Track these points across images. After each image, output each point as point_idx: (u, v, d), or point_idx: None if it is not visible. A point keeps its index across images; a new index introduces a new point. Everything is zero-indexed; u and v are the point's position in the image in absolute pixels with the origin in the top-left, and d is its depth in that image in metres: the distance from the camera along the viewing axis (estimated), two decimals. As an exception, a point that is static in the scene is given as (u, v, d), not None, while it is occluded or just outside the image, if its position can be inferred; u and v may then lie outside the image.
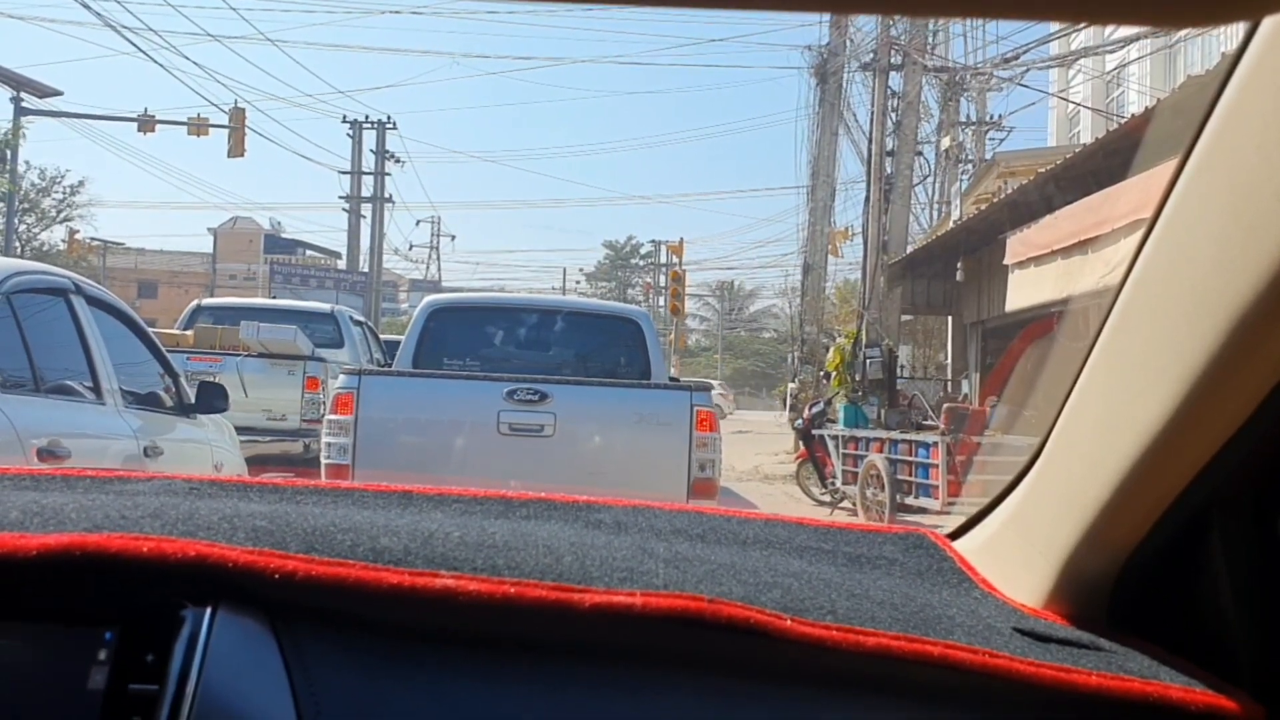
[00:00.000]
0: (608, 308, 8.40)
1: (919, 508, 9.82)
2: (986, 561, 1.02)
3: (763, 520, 1.10)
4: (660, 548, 0.91)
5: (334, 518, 0.85)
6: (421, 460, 5.69)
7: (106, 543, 0.75)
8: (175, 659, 0.73)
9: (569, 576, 0.80)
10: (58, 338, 4.07)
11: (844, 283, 32.72)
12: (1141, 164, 7.28)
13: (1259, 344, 0.68)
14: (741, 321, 70.43)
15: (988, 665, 0.78)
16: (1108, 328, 0.82)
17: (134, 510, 0.83)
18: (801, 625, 0.78)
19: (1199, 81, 8.98)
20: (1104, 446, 0.83)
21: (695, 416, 5.69)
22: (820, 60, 19.83)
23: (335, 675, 0.75)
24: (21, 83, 25.17)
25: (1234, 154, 0.67)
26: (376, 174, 35.76)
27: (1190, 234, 0.72)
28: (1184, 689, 0.78)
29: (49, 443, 3.59)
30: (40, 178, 37.62)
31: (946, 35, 20.92)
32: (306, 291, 34.85)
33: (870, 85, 18.60)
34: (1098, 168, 10.47)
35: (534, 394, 5.67)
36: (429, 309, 7.07)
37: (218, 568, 0.75)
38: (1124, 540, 0.86)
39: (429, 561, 0.79)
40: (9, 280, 3.75)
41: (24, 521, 0.80)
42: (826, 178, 20.34)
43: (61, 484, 1.00)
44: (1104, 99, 24.10)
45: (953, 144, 22.25)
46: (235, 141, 25.32)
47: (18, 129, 25.53)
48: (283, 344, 10.50)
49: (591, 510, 1.05)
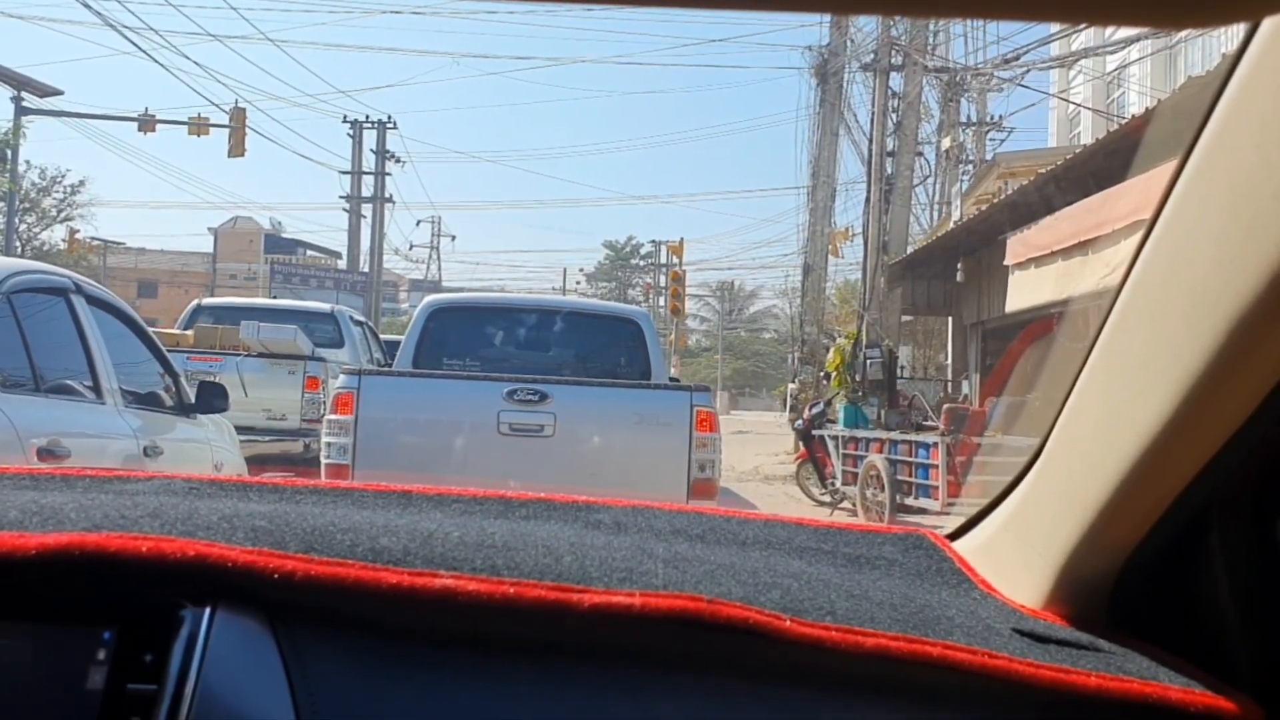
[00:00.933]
0: (608, 308, 8.40)
1: (919, 508, 9.83)
2: (986, 562, 1.02)
3: (762, 521, 1.10)
4: (659, 548, 0.91)
5: (333, 518, 0.85)
6: (421, 460, 5.69)
7: (105, 542, 0.75)
8: (174, 659, 0.73)
9: (568, 577, 0.79)
10: (58, 337, 4.07)
11: (844, 283, 32.68)
12: (1142, 165, 7.27)
13: (1259, 344, 0.68)
14: (742, 322, 70.36)
15: (987, 666, 0.78)
16: (1107, 327, 0.82)
17: (133, 510, 0.83)
18: (801, 626, 0.78)
19: (1199, 82, 8.97)
20: (1104, 447, 0.83)
21: (695, 417, 5.70)
22: (821, 61, 19.82)
23: (334, 675, 0.75)
24: (22, 82, 25.17)
25: (1233, 154, 0.67)
26: (377, 174, 35.77)
27: (1190, 234, 0.72)
28: (1183, 690, 0.78)
29: (49, 442, 3.59)
30: (41, 177, 37.58)
31: (947, 36, 20.92)
32: (307, 291, 34.91)
33: (871, 86, 18.62)
34: (1098, 169, 10.47)
35: (534, 394, 5.67)
36: (429, 309, 7.07)
37: (217, 567, 0.75)
38: (1123, 541, 0.86)
39: (428, 561, 0.79)
40: (9, 280, 3.75)
41: (23, 521, 0.80)
42: (827, 178, 20.33)
43: (61, 483, 1.00)
44: (1104, 100, 24.09)
45: (953, 144, 22.24)
46: (236, 141, 25.35)
47: (18, 128, 25.53)
48: (283, 344, 10.51)
49: (591, 510, 1.05)
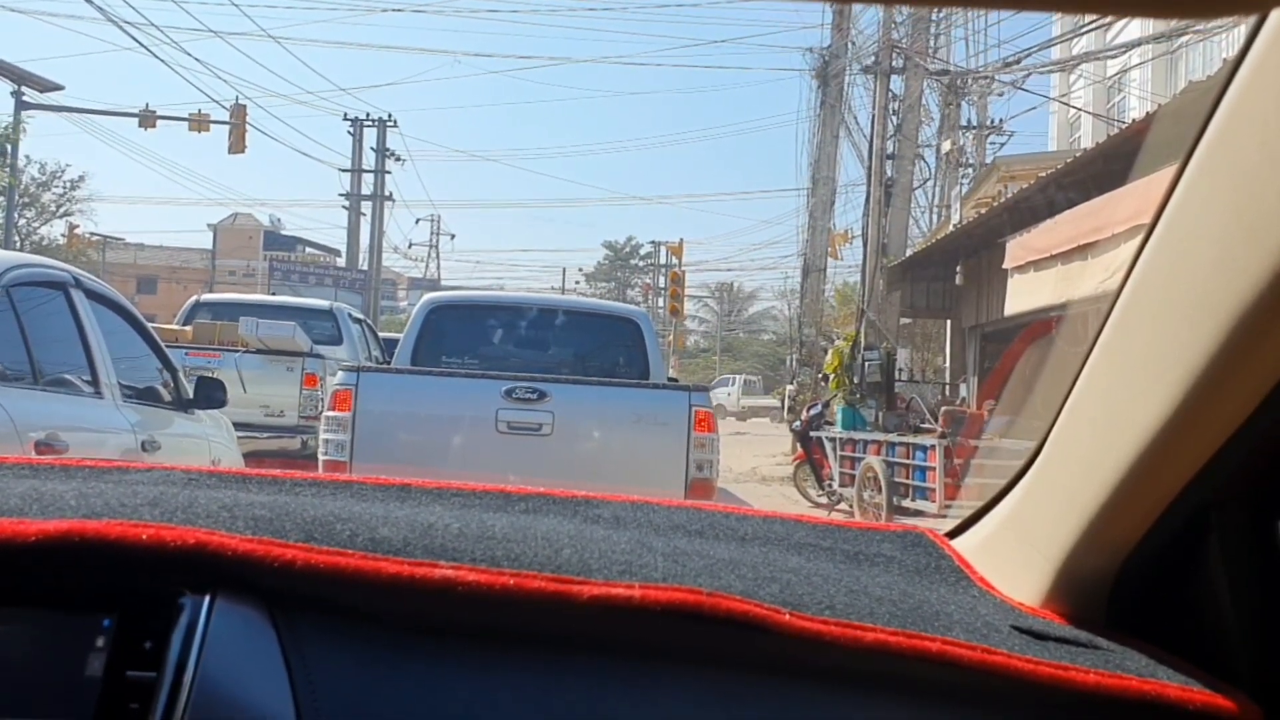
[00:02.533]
0: (607, 307, 8.40)
1: (916, 510, 9.81)
2: (985, 560, 1.02)
3: (761, 517, 1.10)
4: (659, 542, 0.91)
5: (333, 508, 0.85)
6: (419, 457, 5.69)
7: (105, 529, 0.75)
8: (173, 646, 0.73)
9: (568, 569, 0.80)
10: (57, 331, 4.07)
11: (843, 285, 32.71)
12: (1142, 169, 7.27)
13: (1259, 344, 0.68)
14: (740, 323, 70.29)
15: (985, 662, 0.78)
16: (1109, 326, 0.82)
17: (133, 498, 0.83)
18: (800, 620, 0.78)
19: (1200, 87, 8.98)
20: (1103, 446, 0.83)
21: (694, 417, 5.70)
22: (821, 63, 19.82)
23: (333, 664, 0.75)
24: (22, 77, 25.13)
25: (1237, 153, 0.67)
26: (377, 172, 35.78)
27: (1192, 233, 0.72)
28: (1182, 688, 0.78)
29: (47, 435, 3.58)
30: (41, 172, 37.56)
31: (948, 38, 20.94)
32: (306, 288, 34.80)
33: (871, 88, 18.63)
34: (1098, 173, 10.48)
35: (532, 392, 5.67)
36: (428, 306, 7.06)
37: (217, 556, 0.75)
38: (1123, 540, 0.86)
39: (428, 552, 0.79)
40: (9, 273, 3.75)
41: (23, 508, 0.80)
42: (827, 180, 20.32)
43: (60, 473, 1.00)
44: (1105, 104, 24.12)
45: (953, 147, 22.24)
46: (236, 138, 25.32)
47: (18, 123, 25.49)
48: (281, 340, 10.50)
49: (590, 505, 1.05)
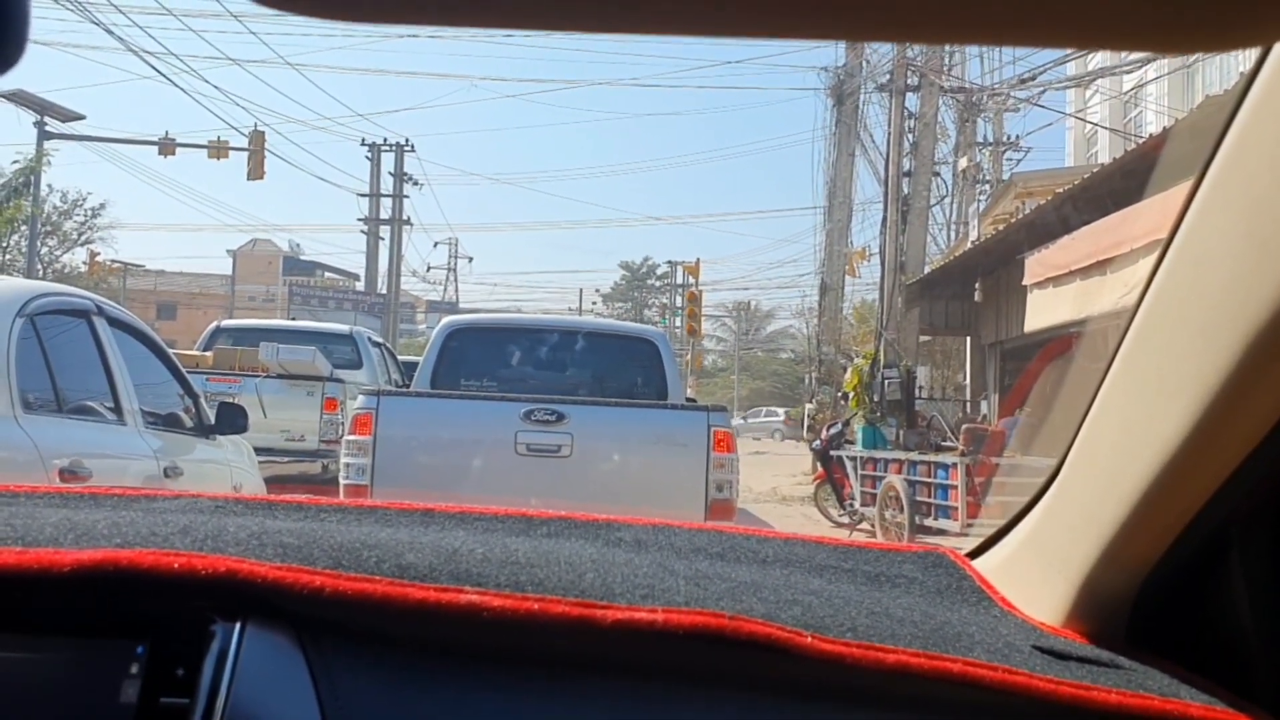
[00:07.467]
0: (624, 328, 8.43)
1: (938, 529, 9.75)
2: (1005, 580, 1.02)
3: (782, 539, 1.10)
4: (681, 565, 0.91)
5: (359, 534, 0.86)
6: (440, 480, 5.70)
7: (139, 558, 0.76)
8: (205, 672, 0.74)
9: (591, 593, 0.80)
10: (80, 358, 4.11)
11: (861, 303, 32.60)
12: (1159, 184, 7.26)
13: (1276, 360, 0.68)
14: (758, 342, 70.15)
15: (1007, 682, 0.78)
16: (1125, 344, 0.83)
17: (164, 527, 0.84)
18: (822, 642, 0.79)
19: (1217, 102, 8.95)
20: (1123, 464, 0.83)
21: (713, 437, 5.69)
22: (837, 81, 19.87)
23: (361, 689, 0.76)
24: (45, 107, 25.42)
25: (1248, 173, 0.68)
26: (395, 196, 35.94)
27: (1206, 251, 0.73)
28: (1205, 707, 0.78)
29: (71, 463, 3.61)
30: (62, 200, 37.88)
31: (963, 56, 20.93)
32: (325, 313, 35.01)
33: (887, 106, 18.64)
34: (1115, 188, 10.45)
35: (551, 415, 5.68)
36: (447, 330, 7.09)
37: (247, 583, 0.76)
38: (1143, 558, 0.86)
39: (454, 577, 0.80)
40: (33, 302, 3.79)
41: (57, 538, 0.81)
42: (844, 198, 20.33)
43: (90, 502, 1.02)
44: (1122, 119, 24.05)
45: (970, 164, 22.23)
46: (254, 164, 25.50)
47: (41, 153, 25.73)
48: (301, 365, 10.57)
49: (612, 529, 1.06)
